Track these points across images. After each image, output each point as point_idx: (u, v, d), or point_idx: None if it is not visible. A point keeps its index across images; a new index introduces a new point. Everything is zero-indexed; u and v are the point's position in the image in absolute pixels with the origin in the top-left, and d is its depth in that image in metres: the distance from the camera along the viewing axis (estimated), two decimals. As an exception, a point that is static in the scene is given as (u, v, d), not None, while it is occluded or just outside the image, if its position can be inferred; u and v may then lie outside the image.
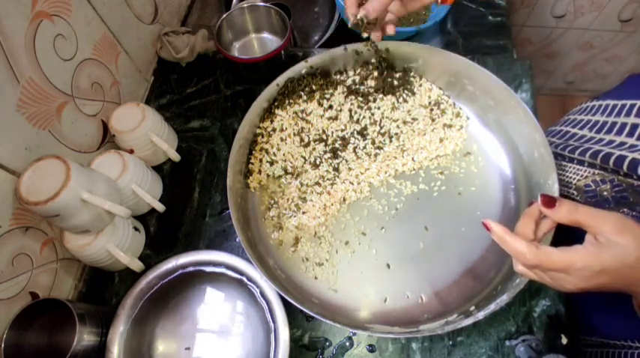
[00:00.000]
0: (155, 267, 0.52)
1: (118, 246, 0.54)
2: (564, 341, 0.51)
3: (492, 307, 0.45)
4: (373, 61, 0.64)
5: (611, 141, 0.51)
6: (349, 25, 0.53)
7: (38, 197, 0.45)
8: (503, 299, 0.45)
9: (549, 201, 0.36)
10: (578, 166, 0.55)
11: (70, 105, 0.55)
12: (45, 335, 0.49)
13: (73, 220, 0.48)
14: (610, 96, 0.58)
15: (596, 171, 0.52)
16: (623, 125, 0.51)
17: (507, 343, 0.51)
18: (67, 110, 0.54)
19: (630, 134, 0.49)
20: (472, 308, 0.48)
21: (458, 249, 0.55)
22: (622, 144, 0.50)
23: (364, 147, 0.62)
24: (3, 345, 0.44)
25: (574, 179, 0.55)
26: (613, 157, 0.48)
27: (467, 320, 0.45)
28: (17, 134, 0.47)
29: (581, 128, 0.58)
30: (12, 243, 0.47)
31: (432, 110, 0.64)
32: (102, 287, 0.57)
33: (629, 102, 0.51)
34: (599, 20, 1.21)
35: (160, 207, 0.60)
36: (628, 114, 0.51)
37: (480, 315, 0.45)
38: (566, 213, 0.36)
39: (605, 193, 0.50)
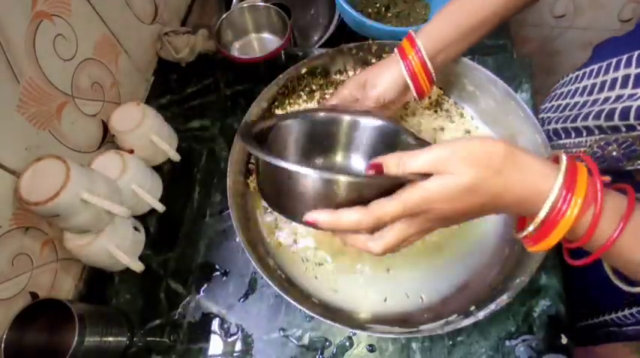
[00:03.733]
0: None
1: (118, 246, 0.54)
2: (564, 341, 0.51)
3: (492, 307, 0.45)
4: (374, 60, 0.64)
5: (607, 98, 0.50)
6: None
7: (38, 197, 0.45)
8: (503, 299, 0.45)
9: (376, 166, 0.36)
10: (577, 139, 0.54)
11: (70, 105, 0.55)
12: (45, 335, 0.49)
13: (73, 220, 0.48)
14: (591, 61, 0.57)
15: (597, 137, 0.51)
16: (614, 80, 0.50)
17: (507, 343, 0.51)
18: (67, 110, 0.54)
19: (624, 85, 0.48)
20: (472, 308, 0.48)
21: (458, 248, 0.55)
22: (619, 97, 0.48)
23: (364, 147, 0.62)
24: (3, 345, 0.44)
25: (579, 152, 0.53)
26: (617, 111, 0.47)
27: (467, 320, 0.45)
28: (17, 134, 0.47)
29: (572, 97, 0.57)
30: (12, 243, 0.47)
31: (436, 111, 0.64)
32: (102, 287, 0.57)
33: (614, 60, 0.51)
34: (599, 20, 1.21)
35: (160, 207, 0.60)
36: (617, 69, 0.50)
37: (480, 315, 0.45)
38: (395, 168, 0.35)
39: (614, 153, 0.48)
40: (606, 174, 0.38)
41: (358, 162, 0.53)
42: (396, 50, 0.53)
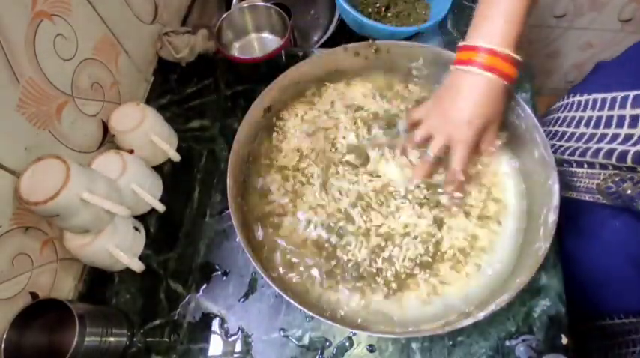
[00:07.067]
0: None
1: (118, 246, 0.54)
2: (564, 341, 0.51)
3: (492, 307, 0.45)
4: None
5: (615, 135, 0.51)
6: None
7: (38, 197, 0.45)
8: (503, 299, 0.45)
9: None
10: (589, 170, 0.54)
11: (70, 105, 0.55)
12: (45, 335, 0.49)
13: (73, 220, 0.48)
14: (587, 88, 0.58)
15: (611, 172, 0.51)
16: (621, 117, 0.50)
17: (507, 343, 0.51)
18: (67, 110, 0.54)
19: (633, 125, 0.49)
20: (472, 308, 0.48)
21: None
22: (629, 136, 0.49)
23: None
24: (3, 345, 0.44)
25: (592, 183, 0.54)
26: (630, 154, 0.48)
27: (467, 320, 0.45)
28: (17, 134, 0.47)
29: (577, 126, 0.57)
30: (12, 243, 0.47)
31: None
32: (102, 287, 0.57)
33: (620, 95, 0.51)
34: (600, 20, 1.21)
35: (160, 207, 0.60)
36: (623, 106, 0.50)
37: (480, 315, 0.45)
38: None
39: (628, 191, 0.50)
40: (622, 211, 0.46)
41: None
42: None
